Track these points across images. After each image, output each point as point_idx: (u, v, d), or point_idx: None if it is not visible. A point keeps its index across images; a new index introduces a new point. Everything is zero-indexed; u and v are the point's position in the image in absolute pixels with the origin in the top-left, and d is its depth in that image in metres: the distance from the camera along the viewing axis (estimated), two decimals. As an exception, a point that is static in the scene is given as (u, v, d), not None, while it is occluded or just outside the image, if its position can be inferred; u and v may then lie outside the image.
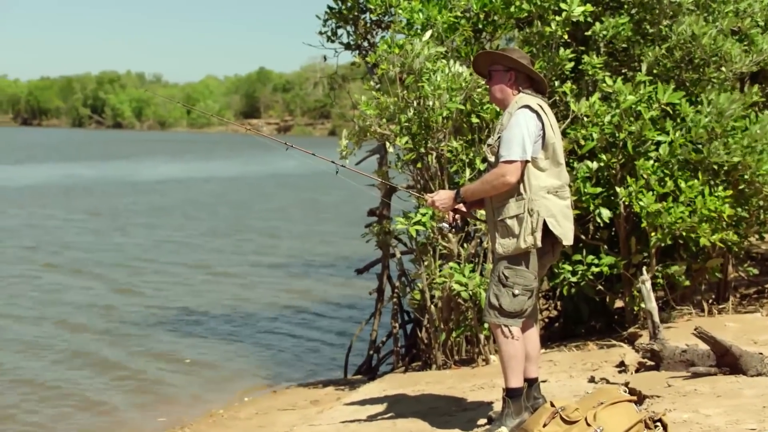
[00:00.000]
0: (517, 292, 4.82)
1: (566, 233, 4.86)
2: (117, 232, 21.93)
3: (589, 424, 4.27)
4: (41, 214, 24.99)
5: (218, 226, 23.52)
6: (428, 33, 7.27)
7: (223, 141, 73.29)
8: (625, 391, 4.73)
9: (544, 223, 4.76)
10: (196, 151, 63.89)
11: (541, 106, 4.86)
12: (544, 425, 4.37)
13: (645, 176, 7.07)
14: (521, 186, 4.78)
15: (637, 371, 6.07)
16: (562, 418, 4.36)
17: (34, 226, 22.34)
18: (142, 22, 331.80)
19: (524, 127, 4.75)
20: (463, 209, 5.09)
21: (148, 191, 33.01)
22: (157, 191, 33.09)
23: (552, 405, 4.47)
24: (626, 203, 7.17)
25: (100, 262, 17.31)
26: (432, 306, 7.47)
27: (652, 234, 7.08)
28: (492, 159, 4.91)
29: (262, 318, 12.99)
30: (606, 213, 7.26)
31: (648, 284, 6.29)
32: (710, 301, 8.12)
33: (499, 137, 4.85)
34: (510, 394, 4.92)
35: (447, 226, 5.14)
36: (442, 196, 5.08)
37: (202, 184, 36.67)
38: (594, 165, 7.21)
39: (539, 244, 4.77)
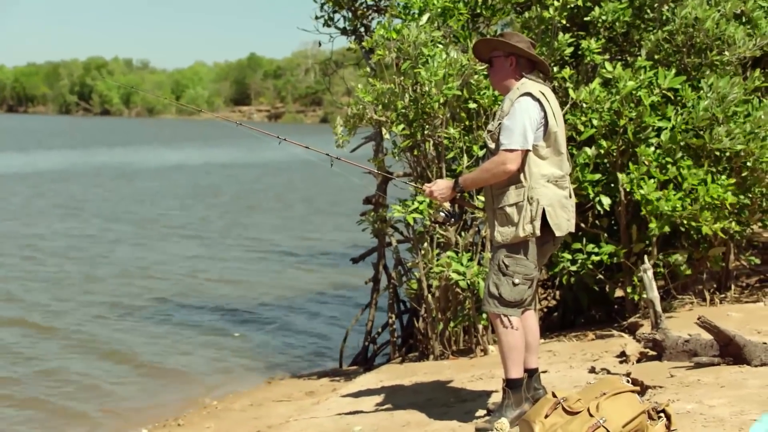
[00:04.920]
0: (517, 281, 4.74)
1: (560, 224, 4.76)
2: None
3: (591, 415, 4.18)
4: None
5: (209, 215, 23.40)
6: (425, 16, 7.14)
7: (215, 127, 72.85)
8: (628, 382, 4.64)
9: (543, 212, 4.67)
10: (192, 138, 63.62)
11: (543, 93, 4.76)
12: (546, 416, 4.29)
13: (646, 163, 6.97)
14: (521, 174, 4.69)
15: (638, 361, 6.00)
16: (564, 409, 4.28)
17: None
18: (130, 7, 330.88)
19: (526, 115, 4.66)
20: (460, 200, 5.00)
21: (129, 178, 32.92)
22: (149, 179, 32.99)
23: (554, 395, 4.39)
24: (627, 190, 7.07)
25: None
26: (429, 295, 7.38)
27: (652, 222, 6.99)
28: (492, 145, 4.81)
29: (256, 308, 12.85)
30: (606, 201, 7.15)
31: (650, 273, 6.22)
32: (712, 290, 8.03)
33: (500, 124, 4.75)
34: (510, 384, 4.85)
35: (444, 214, 5.03)
36: (441, 186, 4.96)
37: (201, 172, 36.58)
38: (593, 151, 7.11)
39: (538, 233, 4.69)
